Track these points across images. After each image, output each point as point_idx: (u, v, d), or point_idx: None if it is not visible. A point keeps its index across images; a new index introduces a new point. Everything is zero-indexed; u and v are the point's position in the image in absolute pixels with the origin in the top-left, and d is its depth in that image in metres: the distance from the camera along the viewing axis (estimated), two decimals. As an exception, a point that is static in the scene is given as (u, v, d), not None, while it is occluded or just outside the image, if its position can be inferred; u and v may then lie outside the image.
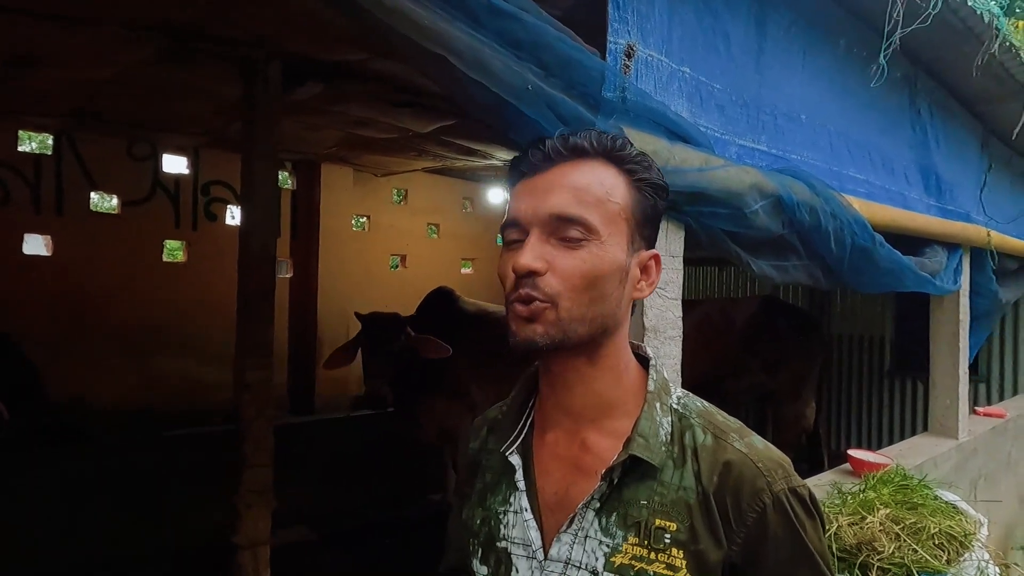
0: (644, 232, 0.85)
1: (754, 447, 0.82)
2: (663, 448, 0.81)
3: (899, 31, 2.07)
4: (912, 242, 2.83)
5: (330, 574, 4.20)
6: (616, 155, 0.83)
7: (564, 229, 0.79)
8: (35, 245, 5.07)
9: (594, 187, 0.80)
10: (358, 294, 6.37)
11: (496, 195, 7.11)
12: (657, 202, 0.86)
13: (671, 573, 0.76)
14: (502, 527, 0.87)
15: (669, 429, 0.83)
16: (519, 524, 0.85)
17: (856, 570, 1.84)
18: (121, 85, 3.47)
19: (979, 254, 3.53)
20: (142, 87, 3.53)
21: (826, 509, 2.07)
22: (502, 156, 5.12)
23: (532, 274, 0.77)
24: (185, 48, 2.85)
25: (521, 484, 0.86)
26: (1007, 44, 2.71)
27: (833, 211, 2.00)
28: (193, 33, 2.73)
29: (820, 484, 2.54)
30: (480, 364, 4.16)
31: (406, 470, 5.17)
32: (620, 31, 1.49)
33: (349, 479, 5.13)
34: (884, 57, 2.10)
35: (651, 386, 0.86)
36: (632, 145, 0.85)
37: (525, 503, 0.85)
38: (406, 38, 1.11)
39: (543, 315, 0.78)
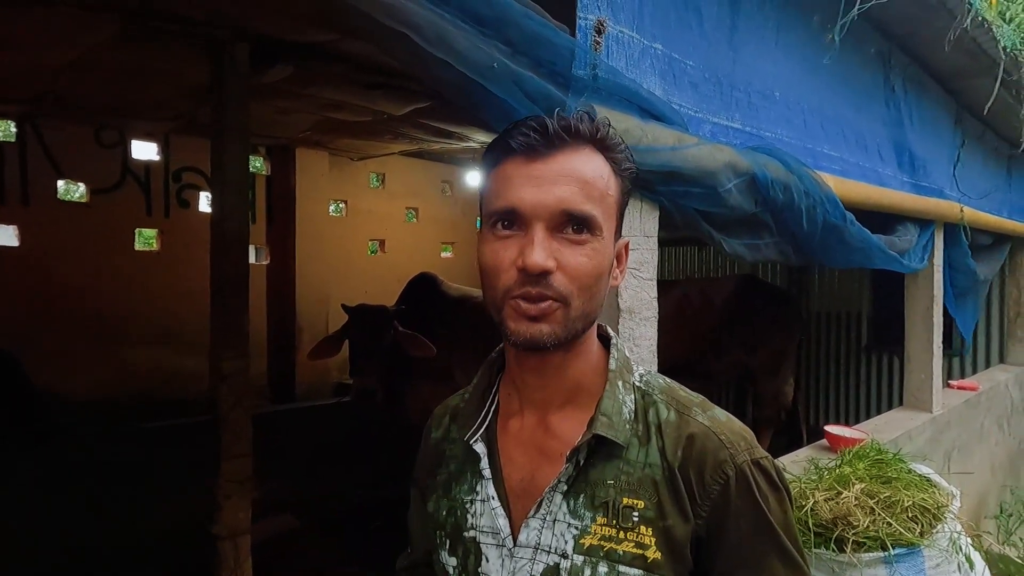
0: (621, 221, 0.85)
1: (717, 420, 0.82)
2: (627, 426, 0.81)
3: (865, 3, 2.06)
4: (885, 218, 2.85)
5: (314, 561, 4.20)
6: (605, 143, 0.80)
7: (570, 224, 0.76)
8: (3, 236, 4.94)
9: (598, 180, 0.78)
10: (337, 280, 6.32)
11: (475, 178, 7.05)
12: (631, 191, 0.86)
13: (640, 551, 0.76)
14: (469, 516, 0.86)
15: (633, 407, 0.83)
16: (487, 512, 0.84)
17: (832, 544, 1.86)
18: (82, 69, 3.37)
19: (953, 230, 3.57)
20: (104, 71, 3.42)
21: (803, 485, 2.09)
22: (480, 138, 5.06)
23: (545, 273, 0.74)
24: (145, 29, 2.76)
25: (487, 472, 0.85)
26: (979, 19, 2.71)
27: (807, 189, 2.00)
28: (152, 13, 2.64)
29: (797, 460, 2.57)
30: (464, 348, 4.14)
31: (389, 455, 5.17)
32: (590, 6, 1.46)
33: (332, 466, 5.12)
34: (838, 32, 2.09)
35: (612, 365, 0.85)
36: (613, 129, 0.82)
37: (492, 491, 0.84)
38: (365, 15, 1.08)
39: (553, 315, 0.76)
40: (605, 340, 0.89)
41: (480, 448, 0.86)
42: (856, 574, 1.80)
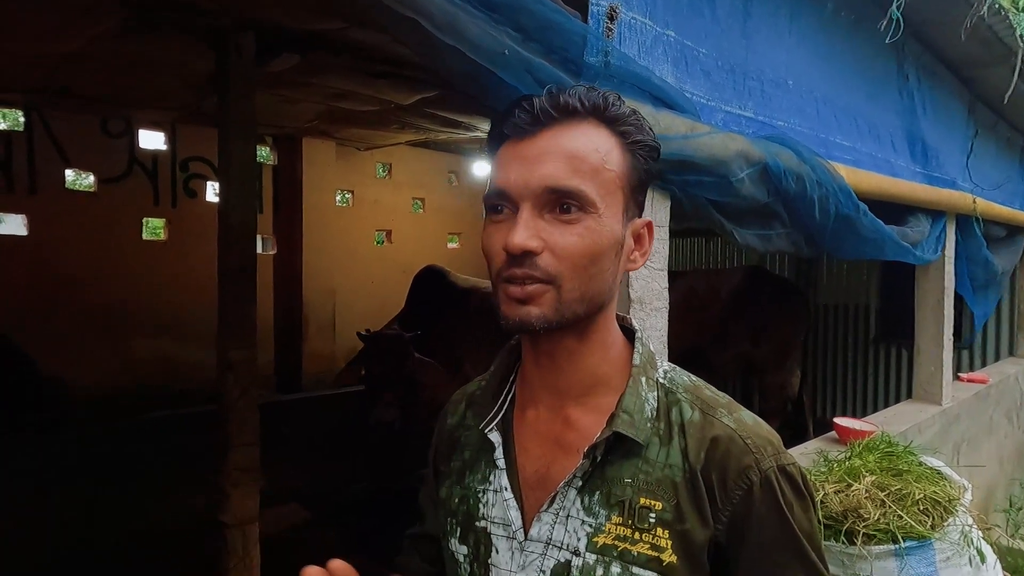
0: (638, 199, 0.80)
1: (743, 422, 0.79)
2: (648, 424, 0.78)
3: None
4: (897, 209, 2.82)
5: (321, 550, 4.22)
6: (608, 115, 0.76)
7: (559, 202, 0.73)
8: (12, 225, 4.95)
9: (590, 154, 0.74)
10: (343, 270, 6.32)
11: (481, 168, 7.02)
12: (650, 165, 0.80)
13: (656, 554, 0.73)
14: (481, 506, 0.84)
15: (655, 405, 0.80)
16: (499, 503, 0.82)
17: (842, 537, 1.85)
18: (87, 59, 3.35)
19: (967, 222, 3.53)
20: (109, 61, 3.41)
21: (812, 477, 2.08)
22: (486, 128, 5.04)
23: (529, 254, 0.72)
24: (150, 19, 2.75)
25: (501, 462, 0.83)
26: (996, 7, 2.67)
27: (819, 179, 1.97)
28: (157, 3, 2.62)
29: (806, 452, 2.56)
30: (473, 340, 4.13)
31: (395, 446, 5.19)
32: (602, -7, 1.43)
33: (339, 456, 5.13)
34: (897, 8, 2.05)
35: (637, 360, 0.82)
36: (624, 102, 0.79)
37: (505, 482, 0.82)
38: (374, 1, 1.06)
39: (542, 297, 0.73)
40: (630, 333, 0.86)
41: (495, 437, 0.84)
42: (866, 566, 1.79)
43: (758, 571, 0.76)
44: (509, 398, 0.87)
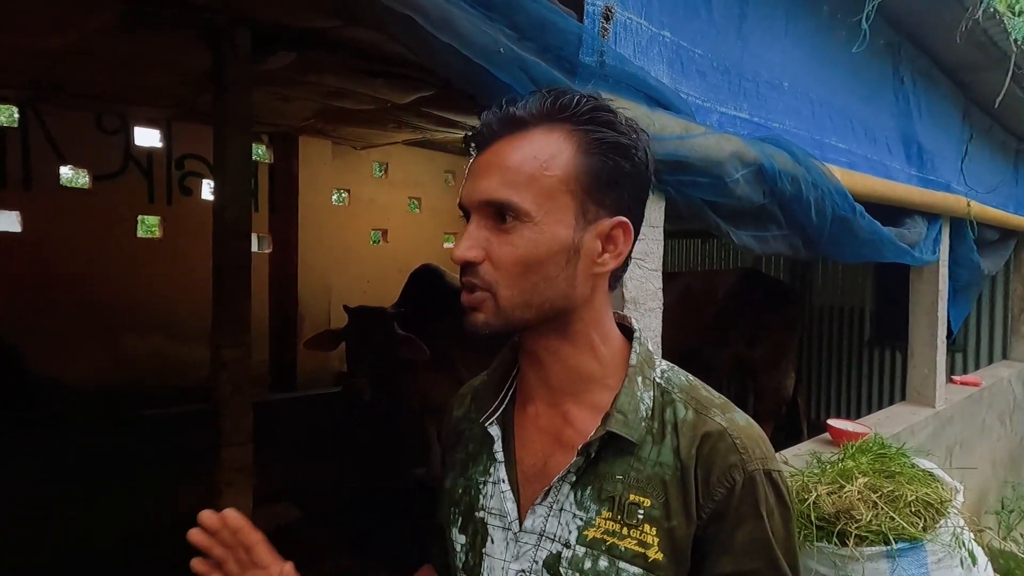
0: (604, 199, 0.77)
1: (735, 422, 0.80)
2: (642, 424, 0.79)
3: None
4: (892, 212, 2.83)
5: (313, 550, 4.21)
6: (561, 116, 0.76)
7: (496, 213, 0.76)
8: (6, 222, 4.92)
9: (525, 164, 0.75)
10: (338, 270, 6.30)
11: (478, 168, 7.02)
12: (620, 163, 0.77)
13: (642, 550, 0.75)
14: (481, 497, 0.86)
15: (650, 404, 0.81)
16: (496, 495, 0.84)
17: (834, 538, 1.86)
18: (82, 55, 3.34)
19: (959, 224, 3.54)
20: (104, 57, 3.39)
21: (805, 478, 2.08)
22: (483, 128, 5.03)
23: (470, 264, 0.77)
24: (145, 15, 2.74)
25: (499, 455, 0.85)
26: (991, 11, 2.68)
27: (815, 180, 1.98)
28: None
29: (800, 453, 2.56)
30: (467, 341, 4.12)
31: (389, 445, 5.17)
32: (598, -8, 1.43)
33: (332, 455, 5.12)
34: (867, 21, 2.06)
35: (633, 359, 0.83)
36: (588, 100, 0.77)
37: (503, 474, 0.84)
38: (370, -4, 1.06)
39: (483, 304, 0.78)
40: (629, 332, 0.87)
41: (495, 431, 0.86)
42: (858, 568, 1.79)
43: (726, 571, 0.76)
44: (510, 393, 0.89)
